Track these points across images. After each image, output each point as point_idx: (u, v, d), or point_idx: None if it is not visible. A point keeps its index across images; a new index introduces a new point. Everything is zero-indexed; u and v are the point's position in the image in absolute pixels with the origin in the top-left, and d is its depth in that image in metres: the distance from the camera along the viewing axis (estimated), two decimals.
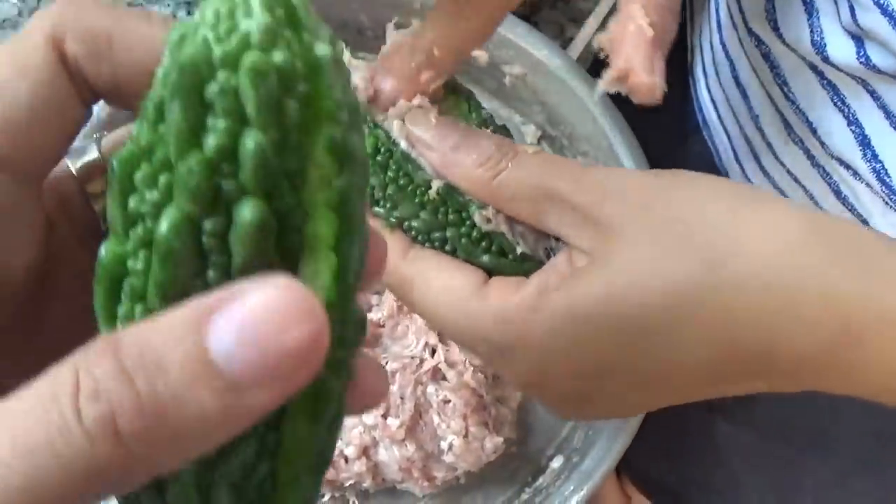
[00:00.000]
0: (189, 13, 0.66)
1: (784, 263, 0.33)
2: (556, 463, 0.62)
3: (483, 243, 0.40)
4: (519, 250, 0.40)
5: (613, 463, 0.58)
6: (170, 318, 0.18)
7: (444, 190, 0.39)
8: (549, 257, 0.40)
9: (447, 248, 0.40)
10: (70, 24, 0.23)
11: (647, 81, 0.42)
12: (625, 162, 0.59)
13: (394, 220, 0.41)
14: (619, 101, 0.59)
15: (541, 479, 0.62)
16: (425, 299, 0.39)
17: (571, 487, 0.58)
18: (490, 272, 0.40)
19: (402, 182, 0.40)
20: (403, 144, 0.40)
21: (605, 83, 0.44)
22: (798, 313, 0.33)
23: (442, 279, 0.39)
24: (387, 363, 0.61)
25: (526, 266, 0.40)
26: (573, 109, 0.61)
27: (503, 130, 0.42)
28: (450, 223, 0.40)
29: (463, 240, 0.40)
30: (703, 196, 0.36)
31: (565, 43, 0.67)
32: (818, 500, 0.69)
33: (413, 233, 0.40)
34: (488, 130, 0.40)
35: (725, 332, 0.34)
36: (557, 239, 0.39)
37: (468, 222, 0.40)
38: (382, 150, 0.40)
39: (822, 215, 0.35)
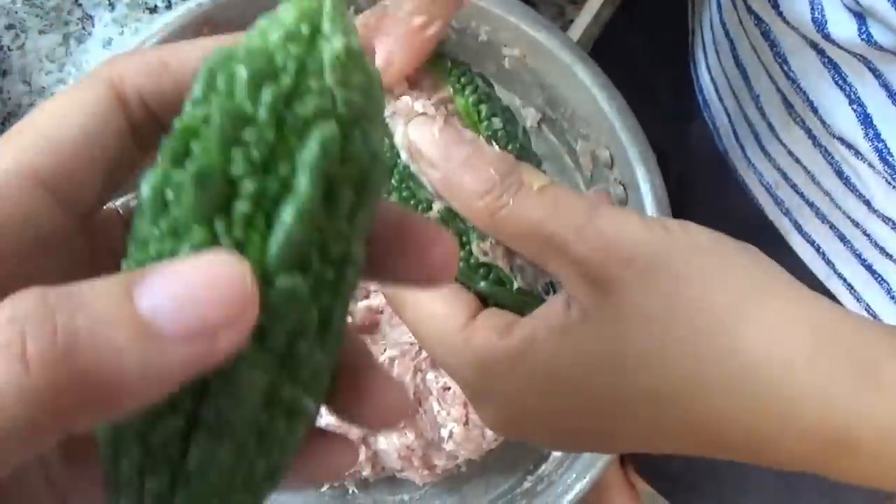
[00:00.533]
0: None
1: (781, 376, 0.32)
2: (557, 453, 0.61)
3: (481, 270, 0.39)
4: (516, 284, 0.38)
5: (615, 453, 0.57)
6: (103, 278, 0.19)
7: (445, 213, 0.38)
8: (548, 293, 0.39)
9: None
10: (128, 63, 0.25)
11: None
12: (626, 144, 0.59)
13: None
14: (621, 84, 0.58)
15: (543, 467, 0.62)
16: (415, 321, 0.39)
17: (574, 475, 0.57)
18: (485, 299, 0.39)
19: (404, 194, 0.39)
20: (405, 156, 0.38)
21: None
22: (789, 425, 0.32)
23: (432, 306, 0.38)
24: (385, 350, 0.60)
25: (523, 299, 0.39)
26: (574, 92, 0.60)
27: (506, 111, 0.42)
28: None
29: (461, 264, 0.38)
30: (712, 280, 0.33)
31: (566, 25, 0.66)
32: (821, 488, 0.69)
33: None
34: (495, 147, 0.38)
35: (710, 428, 0.34)
36: None
37: (468, 247, 0.38)
38: (388, 152, 0.39)
39: (829, 317, 0.33)
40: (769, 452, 0.33)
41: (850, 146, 0.52)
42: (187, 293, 0.19)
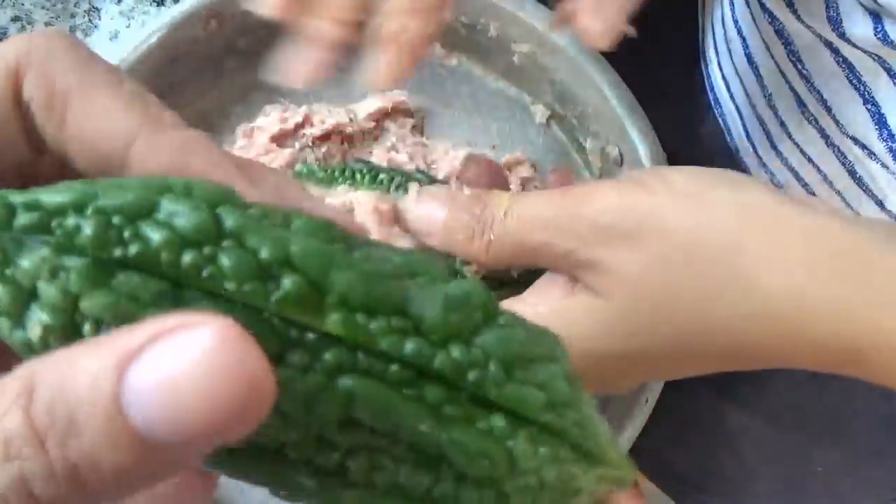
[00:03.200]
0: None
1: (786, 297, 0.34)
2: None
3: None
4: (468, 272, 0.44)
5: (624, 452, 0.57)
6: (87, 362, 0.16)
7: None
8: (518, 276, 0.43)
9: None
10: (35, 66, 0.22)
11: (592, 26, 0.41)
12: (636, 142, 0.58)
13: None
14: (631, 81, 0.58)
15: None
16: None
17: None
18: None
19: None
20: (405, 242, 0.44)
21: (552, 20, 0.45)
22: (802, 340, 0.35)
23: None
24: None
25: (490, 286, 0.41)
26: (583, 88, 0.60)
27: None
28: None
29: None
30: (699, 223, 0.36)
31: None
32: (829, 487, 0.69)
33: None
34: (462, 194, 0.42)
35: (729, 355, 0.36)
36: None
37: None
38: None
39: (817, 225, 0.36)
40: (787, 363, 0.36)
41: (863, 146, 0.52)
42: (187, 401, 0.16)
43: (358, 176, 0.48)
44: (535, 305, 0.38)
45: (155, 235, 0.18)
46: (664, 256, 0.35)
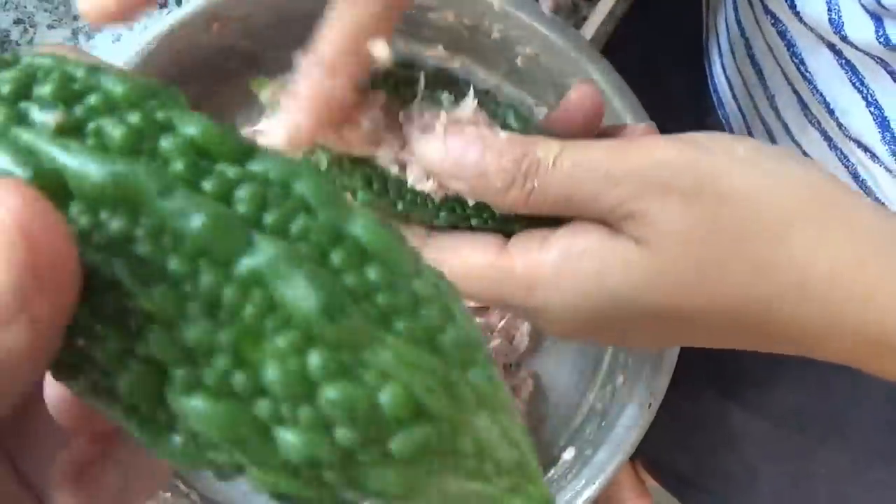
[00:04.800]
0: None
1: (827, 283, 0.34)
2: (568, 455, 0.61)
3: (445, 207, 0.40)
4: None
5: (626, 456, 0.57)
6: None
7: (448, 219, 0.40)
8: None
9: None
10: None
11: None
12: None
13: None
14: (634, 82, 0.58)
15: (552, 471, 0.61)
16: (449, 275, 0.39)
17: (583, 482, 0.57)
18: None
19: (409, 197, 0.39)
20: (410, 178, 0.39)
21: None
22: (834, 327, 0.35)
23: (460, 253, 0.39)
24: None
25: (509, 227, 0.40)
26: None
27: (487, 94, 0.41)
28: (471, 213, 0.40)
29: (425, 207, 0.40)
30: (755, 195, 0.35)
31: (579, 22, 0.66)
32: (833, 489, 0.69)
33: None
34: (499, 133, 0.37)
35: (761, 331, 0.36)
36: None
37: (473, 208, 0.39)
38: (375, 184, 0.40)
39: (875, 223, 0.35)
40: (817, 350, 0.36)
41: (866, 149, 0.52)
42: None
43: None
44: (571, 242, 0.37)
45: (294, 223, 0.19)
46: (717, 219, 0.34)
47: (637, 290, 0.36)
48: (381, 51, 0.36)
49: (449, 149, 0.37)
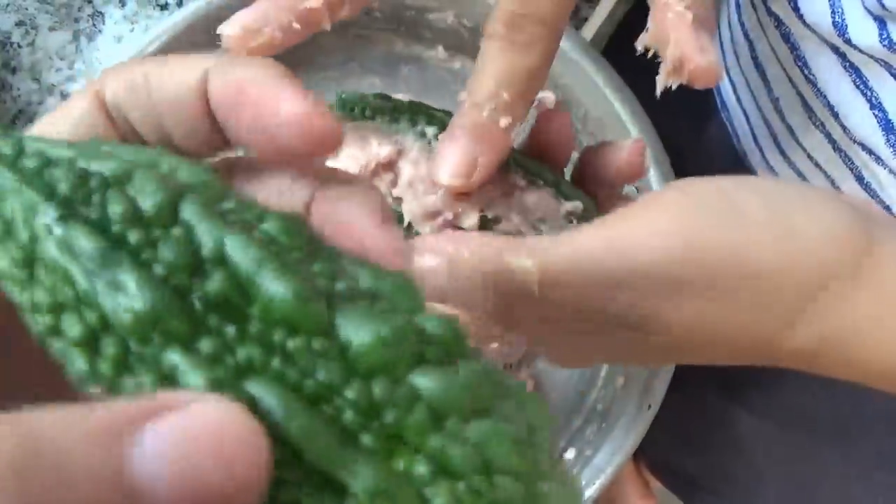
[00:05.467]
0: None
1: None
2: (568, 456, 0.61)
3: None
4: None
5: (626, 458, 0.57)
6: (89, 423, 0.15)
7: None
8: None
9: None
10: (115, 77, 0.24)
11: (702, 64, 0.40)
12: None
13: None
14: (635, 83, 0.57)
15: None
16: None
17: (583, 482, 0.57)
18: None
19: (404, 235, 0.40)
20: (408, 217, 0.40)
21: (663, 78, 0.42)
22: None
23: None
24: None
25: None
26: (586, 92, 0.59)
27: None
28: None
29: None
30: (764, 278, 0.33)
31: (579, 24, 0.66)
32: (838, 492, 0.68)
33: None
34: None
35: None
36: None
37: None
38: None
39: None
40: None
41: (870, 151, 0.51)
42: (189, 460, 0.15)
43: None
44: None
45: (116, 207, 0.19)
46: (736, 299, 0.33)
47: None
48: (550, 99, 0.38)
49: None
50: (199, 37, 0.58)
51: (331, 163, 0.38)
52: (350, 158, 0.39)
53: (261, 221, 0.20)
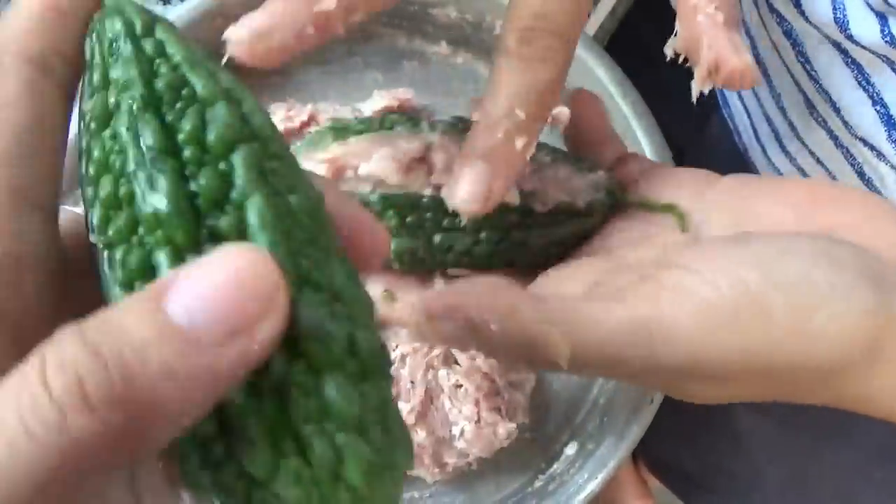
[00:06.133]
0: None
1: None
2: (571, 450, 0.61)
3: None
4: None
5: (628, 451, 0.57)
6: (130, 297, 0.19)
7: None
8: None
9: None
10: (23, 31, 0.24)
11: (739, 64, 0.39)
12: (642, 142, 0.58)
13: (453, 256, 0.41)
14: (637, 80, 0.58)
15: (555, 466, 0.61)
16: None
17: (586, 475, 0.57)
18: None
19: (445, 223, 0.39)
20: (428, 191, 0.39)
21: (699, 82, 0.41)
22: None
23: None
24: (397, 347, 0.60)
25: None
26: (590, 87, 0.59)
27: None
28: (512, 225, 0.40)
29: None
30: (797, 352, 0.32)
31: None
32: (838, 488, 0.68)
33: (478, 257, 0.40)
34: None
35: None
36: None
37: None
38: (410, 217, 0.39)
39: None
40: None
41: (872, 147, 0.51)
42: (218, 294, 0.19)
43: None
44: None
45: (187, 123, 0.22)
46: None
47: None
48: (564, 114, 0.36)
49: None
50: (202, 32, 0.58)
51: (364, 168, 0.39)
52: (383, 160, 0.39)
53: (291, 192, 0.22)
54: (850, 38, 0.47)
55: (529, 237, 0.40)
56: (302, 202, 0.22)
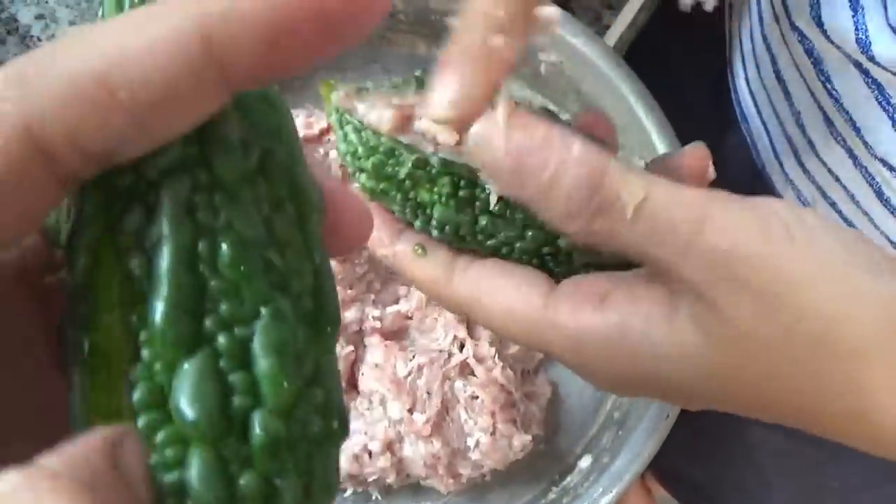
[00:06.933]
0: None
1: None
2: (585, 462, 0.61)
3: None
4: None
5: (644, 465, 0.57)
6: None
7: None
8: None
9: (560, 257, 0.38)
10: (47, 100, 0.17)
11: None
12: (661, 153, 0.58)
13: (493, 244, 0.38)
14: (656, 91, 0.58)
15: (568, 479, 0.61)
16: (489, 319, 0.37)
17: (600, 489, 0.57)
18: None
19: (496, 209, 0.37)
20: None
21: None
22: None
23: (503, 298, 0.36)
24: (413, 357, 0.60)
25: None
26: (609, 99, 0.59)
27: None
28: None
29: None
30: (837, 315, 0.31)
31: (602, 30, 0.66)
32: (846, 503, 0.69)
33: (517, 253, 0.38)
34: (574, 141, 0.31)
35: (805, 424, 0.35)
36: None
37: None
38: (462, 185, 0.36)
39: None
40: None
41: (892, 168, 0.51)
42: None
43: None
44: (628, 317, 0.33)
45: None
46: (790, 334, 0.31)
47: (690, 380, 0.33)
48: (552, 14, 0.33)
49: (510, 145, 0.31)
50: None
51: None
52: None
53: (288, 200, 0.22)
54: (871, 58, 0.47)
55: (574, 252, 0.38)
56: (296, 212, 0.22)
